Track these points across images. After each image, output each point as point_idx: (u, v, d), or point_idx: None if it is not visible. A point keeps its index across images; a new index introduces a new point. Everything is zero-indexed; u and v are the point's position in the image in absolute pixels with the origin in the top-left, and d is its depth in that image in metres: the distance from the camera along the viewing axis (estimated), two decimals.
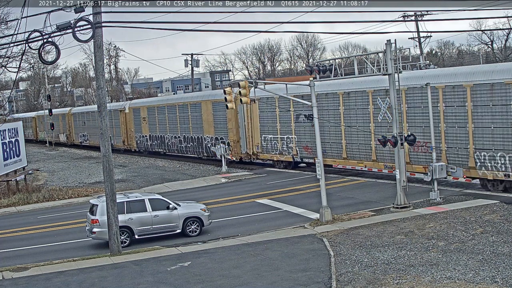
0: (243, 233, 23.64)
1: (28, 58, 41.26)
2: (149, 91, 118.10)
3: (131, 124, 61.08)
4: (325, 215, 23.87)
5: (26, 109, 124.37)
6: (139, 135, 59.43)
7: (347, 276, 16.59)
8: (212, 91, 72.09)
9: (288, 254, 19.35)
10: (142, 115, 58.54)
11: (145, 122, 57.91)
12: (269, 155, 41.35)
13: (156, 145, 56.51)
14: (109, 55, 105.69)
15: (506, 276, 15.43)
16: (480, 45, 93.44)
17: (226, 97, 25.73)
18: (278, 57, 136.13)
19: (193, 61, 73.56)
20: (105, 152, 21.91)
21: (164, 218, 23.90)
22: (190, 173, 44.61)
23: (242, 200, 31.25)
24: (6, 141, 40.22)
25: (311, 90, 24.97)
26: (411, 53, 32.46)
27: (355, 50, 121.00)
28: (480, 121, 26.58)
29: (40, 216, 31.74)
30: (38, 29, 19.78)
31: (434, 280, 15.59)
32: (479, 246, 18.28)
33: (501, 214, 22.14)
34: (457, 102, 27.44)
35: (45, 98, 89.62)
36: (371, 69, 26.28)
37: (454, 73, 28.32)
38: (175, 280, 17.58)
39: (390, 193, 27.93)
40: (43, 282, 18.46)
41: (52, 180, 45.96)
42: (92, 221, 23.33)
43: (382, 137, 25.71)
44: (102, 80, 21.89)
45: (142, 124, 58.63)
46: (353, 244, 19.89)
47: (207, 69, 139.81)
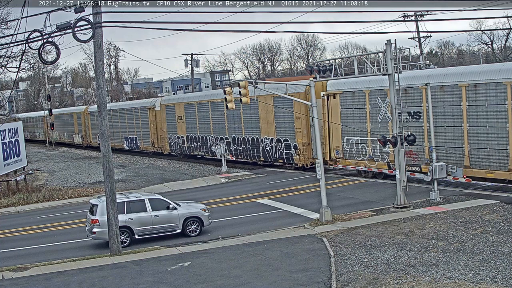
0: (243, 233, 23.64)
1: (28, 58, 41.33)
2: (149, 91, 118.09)
3: (163, 124, 55.20)
4: (325, 215, 23.87)
5: (26, 109, 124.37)
6: (173, 136, 53.49)
7: (347, 276, 16.59)
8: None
9: (288, 254, 19.35)
10: (178, 113, 52.27)
11: (182, 121, 51.72)
12: (353, 162, 33.88)
13: (196, 148, 50.22)
14: (109, 55, 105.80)
15: (506, 276, 15.43)
16: (480, 45, 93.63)
17: (226, 97, 25.71)
18: (278, 57, 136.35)
19: (193, 61, 73.58)
20: (105, 152, 21.90)
21: (164, 218, 23.90)
22: (190, 173, 44.61)
23: (242, 200, 31.25)
24: (6, 141, 40.24)
25: (311, 90, 24.94)
26: (411, 53, 32.38)
27: (355, 50, 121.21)
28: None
29: (40, 216, 31.75)
30: (38, 29, 19.79)
31: (434, 280, 15.59)
32: (479, 246, 18.28)
33: (501, 214, 22.14)
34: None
35: (45, 98, 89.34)
36: (371, 69, 26.29)
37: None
38: (175, 280, 17.58)
39: (390, 193, 27.94)
40: (43, 282, 18.46)
41: (52, 180, 45.97)
42: (92, 221, 23.33)
43: (382, 137, 25.72)
44: (102, 80, 21.88)
45: (177, 123, 52.45)
46: (353, 244, 19.88)
47: (207, 69, 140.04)
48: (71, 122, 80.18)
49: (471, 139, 27.09)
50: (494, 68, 27.18)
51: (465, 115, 27.16)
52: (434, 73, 29.93)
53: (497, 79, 25.82)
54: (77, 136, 78.24)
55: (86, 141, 75.15)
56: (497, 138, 26.07)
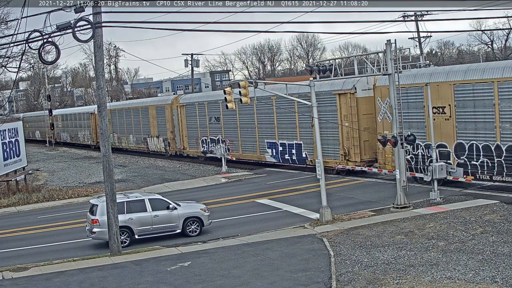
0: (243, 233, 23.64)
1: (28, 58, 41.33)
2: (149, 91, 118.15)
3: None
4: (325, 215, 23.87)
5: (26, 109, 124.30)
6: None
7: (347, 276, 16.59)
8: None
9: (288, 254, 19.35)
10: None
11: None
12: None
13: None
14: (109, 55, 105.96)
15: (506, 276, 15.43)
16: (480, 45, 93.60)
17: (226, 97, 25.71)
18: (278, 57, 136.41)
19: (193, 61, 73.57)
20: (105, 152, 21.91)
21: (164, 218, 23.90)
22: (190, 173, 44.60)
23: (242, 200, 31.25)
24: (6, 141, 40.25)
25: (311, 90, 24.94)
26: (411, 53, 32.39)
27: (355, 50, 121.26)
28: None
29: (40, 216, 31.75)
30: (38, 29, 19.79)
31: (434, 280, 15.58)
32: (479, 246, 18.28)
33: (501, 214, 22.14)
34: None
35: (45, 98, 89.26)
36: (371, 69, 26.29)
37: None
38: (175, 280, 17.58)
39: (390, 193, 27.94)
40: (43, 282, 18.46)
41: (52, 180, 45.98)
42: (92, 221, 23.33)
43: (382, 137, 25.72)
44: (102, 80, 21.89)
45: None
46: (353, 244, 19.88)
47: (207, 69, 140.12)
48: (144, 119, 57.81)
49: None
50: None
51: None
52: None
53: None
54: (155, 139, 56.00)
55: (175, 147, 52.20)
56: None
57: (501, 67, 26.05)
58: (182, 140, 51.58)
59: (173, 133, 52.80)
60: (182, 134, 51.51)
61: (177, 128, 52.17)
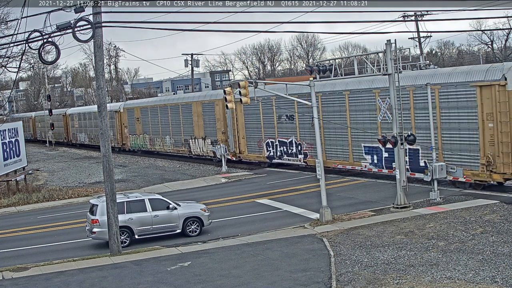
0: (243, 233, 23.64)
1: (28, 58, 41.41)
2: (149, 91, 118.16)
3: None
4: (325, 215, 23.87)
5: (26, 109, 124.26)
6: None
7: (347, 276, 16.59)
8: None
9: (288, 254, 19.35)
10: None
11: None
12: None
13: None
14: (109, 55, 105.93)
15: (506, 276, 15.43)
16: (480, 45, 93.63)
17: (226, 97, 25.71)
18: (278, 57, 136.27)
19: (193, 61, 73.56)
20: (105, 152, 21.91)
21: (164, 218, 23.90)
22: (190, 173, 44.59)
23: (242, 200, 31.25)
24: (6, 141, 40.23)
25: (311, 90, 24.94)
26: (411, 53, 32.38)
27: (355, 50, 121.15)
28: None
29: (40, 216, 31.74)
30: (38, 29, 19.79)
31: (434, 280, 15.58)
32: (479, 246, 18.28)
33: (501, 214, 22.14)
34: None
35: (45, 98, 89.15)
36: (371, 69, 26.29)
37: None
38: (175, 280, 17.58)
39: (390, 193, 27.93)
40: (43, 282, 18.45)
41: (52, 180, 45.96)
42: (92, 221, 23.33)
43: (382, 137, 25.71)
44: (102, 80, 21.89)
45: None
46: (353, 244, 19.88)
47: (207, 69, 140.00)
48: (186, 118, 50.63)
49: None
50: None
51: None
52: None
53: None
54: (200, 142, 48.55)
55: (228, 151, 44.48)
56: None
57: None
58: (238, 142, 43.33)
59: (226, 134, 44.52)
60: (239, 136, 43.15)
61: (230, 128, 44.22)
